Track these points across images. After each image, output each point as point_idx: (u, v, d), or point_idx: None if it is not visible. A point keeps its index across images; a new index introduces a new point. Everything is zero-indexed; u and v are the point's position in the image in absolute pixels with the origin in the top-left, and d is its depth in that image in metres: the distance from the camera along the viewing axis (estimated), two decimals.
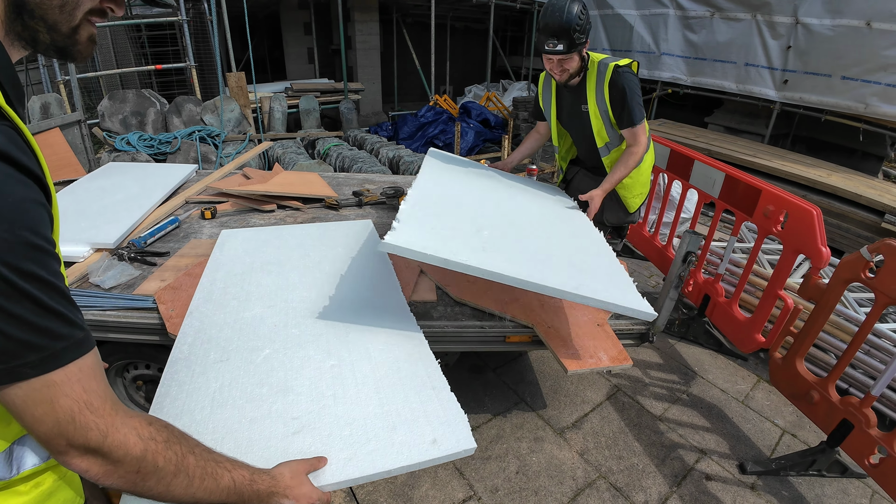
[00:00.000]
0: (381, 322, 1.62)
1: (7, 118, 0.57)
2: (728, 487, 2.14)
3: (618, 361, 1.54)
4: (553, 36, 2.08)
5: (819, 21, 6.16)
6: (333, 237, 2.27)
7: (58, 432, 0.59)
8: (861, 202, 4.86)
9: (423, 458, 1.08)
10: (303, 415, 1.18)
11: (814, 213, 2.22)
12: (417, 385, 1.32)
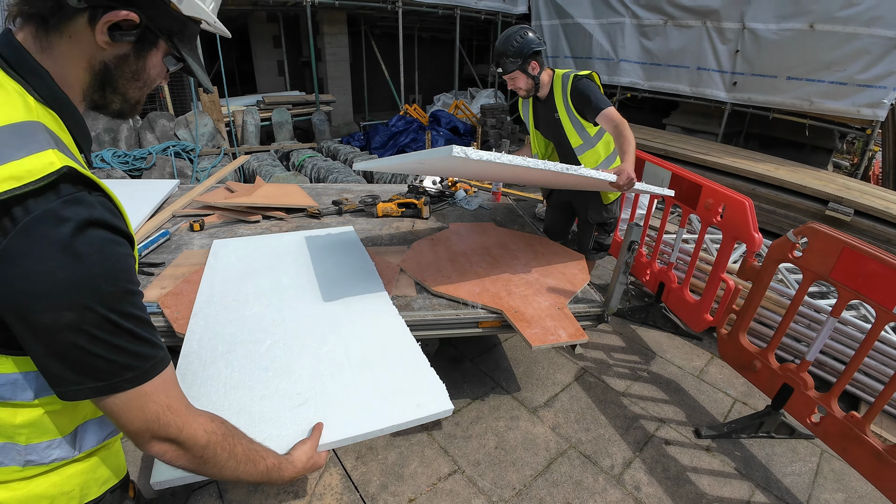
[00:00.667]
0: (367, 313, 1.82)
1: (99, 188, 0.69)
2: (685, 450, 2.40)
3: (575, 337, 1.78)
4: (495, 61, 2.53)
5: (765, 26, 6.63)
6: (319, 244, 2.46)
7: (145, 429, 0.76)
8: (806, 192, 5.27)
9: (410, 418, 1.29)
10: (305, 391, 1.37)
11: (746, 204, 2.51)
12: (402, 362, 1.53)
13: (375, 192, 3.58)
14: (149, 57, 0.82)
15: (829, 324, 2.23)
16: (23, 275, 0.62)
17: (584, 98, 2.46)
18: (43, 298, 0.63)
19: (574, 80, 2.51)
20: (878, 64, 5.85)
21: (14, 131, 0.65)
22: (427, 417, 1.32)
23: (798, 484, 2.28)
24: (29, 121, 0.68)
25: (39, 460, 0.79)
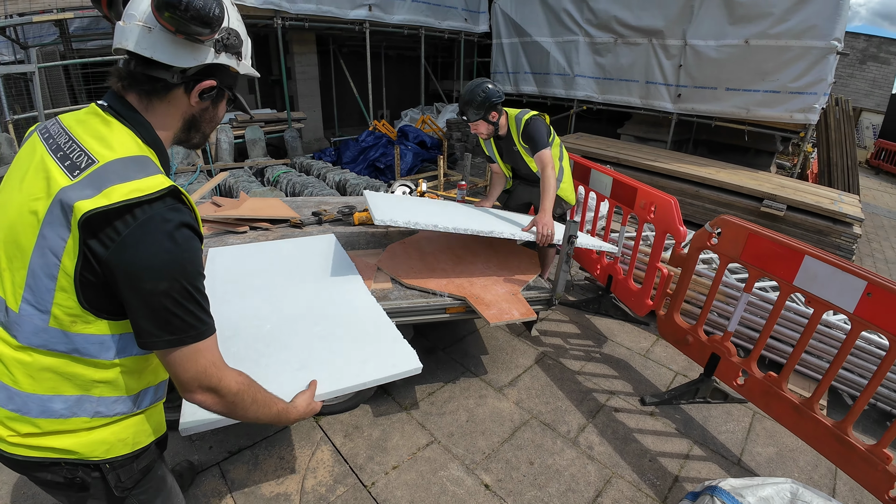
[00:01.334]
0: (349, 301, 2.14)
1: (188, 203, 1.00)
2: (632, 416, 2.76)
3: (526, 315, 2.15)
4: (461, 111, 3.03)
5: (704, 42, 7.25)
6: (305, 249, 2.76)
7: (195, 378, 1.01)
8: (744, 191, 5.82)
9: (387, 374, 1.64)
10: (301, 359, 1.69)
11: (672, 202, 2.93)
12: (379, 335, 1.87)
13: (351, 202, 3.89)
14: (220, 105, 1.16)
15: (744, 299, 2.64)
16: (137, 254, 0.91)
17: (530, 139, 3.00)
18: (150, 270, 0.92)
19: (525, 124, 3.02)
20: (809, 73, 6.49)
21: (135, 161, 0.97)
22: (401, 374, 1.66)
23: (732, 440, 2.66)
24: (142, 155, 1.00)
25: (106, 412, 1.05)
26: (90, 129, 1.00)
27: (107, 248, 0.91)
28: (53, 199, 0.92)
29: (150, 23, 0.98)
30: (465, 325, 3.48)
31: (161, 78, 1.02)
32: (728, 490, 1.84)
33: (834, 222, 5.14)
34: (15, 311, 0.97)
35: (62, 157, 0.97)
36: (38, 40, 8.32)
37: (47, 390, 1.00)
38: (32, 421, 1.00)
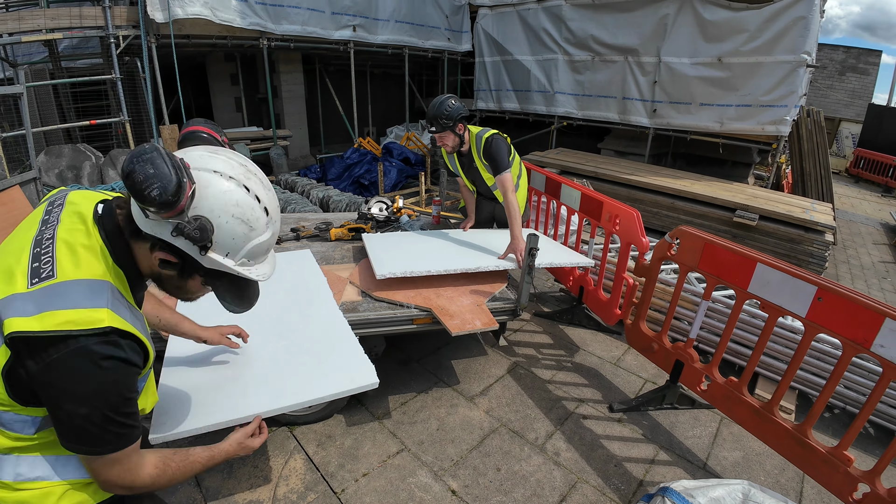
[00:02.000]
0: (318, 316, 2.21)
1: (130, 335, 1.01)
2: (600, 423, 2.84)
3: (487, 325, 2.25)
4: (429, 122, 3.11)
5: (678, 59, 7.48)
6: (280, 264, 2.83)
7: (109, 481, 1.07)
8: (717, 203, 5.99)
9: (344, 389, 1.70)
10: (266, 372, 1.76)
11: (634, 215, 3.05)
12: (343, 350, 1.94)
13: (329, 219, 3.97)
14: (189, 281, 1.14)
15: (703, 306, 2.75)
16: (61, 378, 0.95)
17: (491, 159, 3.14)
18: (72, 396, 0.96)
19: (485, 143, 3.16)
20: (780, 86, 6.70)
21: (88, 286, 0.99)
22: (358, 388, 1.73)
23: (698, 445, 2.73)
24: (101, 280, 1.02)
25: (27, 474, 1.06)
26: (72, 237, 1.04)
27: (35, 364, 0.94)
28: (8, 297, 0.96)
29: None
30: (439, 337, 3.56)
31: (138, 229, 1.05)
32: (679, 491, 1.92)
33: (806, 230, 5.30)
34: None
35: (35, 256, 1.01)
36: (27, 58, 8.41)
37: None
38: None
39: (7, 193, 3.37)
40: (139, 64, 6.88)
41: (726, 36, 6.91)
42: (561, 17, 8.54)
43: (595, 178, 6.77)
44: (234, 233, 1.06)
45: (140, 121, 7.48)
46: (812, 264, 5.17)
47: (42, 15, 6.49)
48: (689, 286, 3.67)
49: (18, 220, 3.20)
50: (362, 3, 8.83)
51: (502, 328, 2.83)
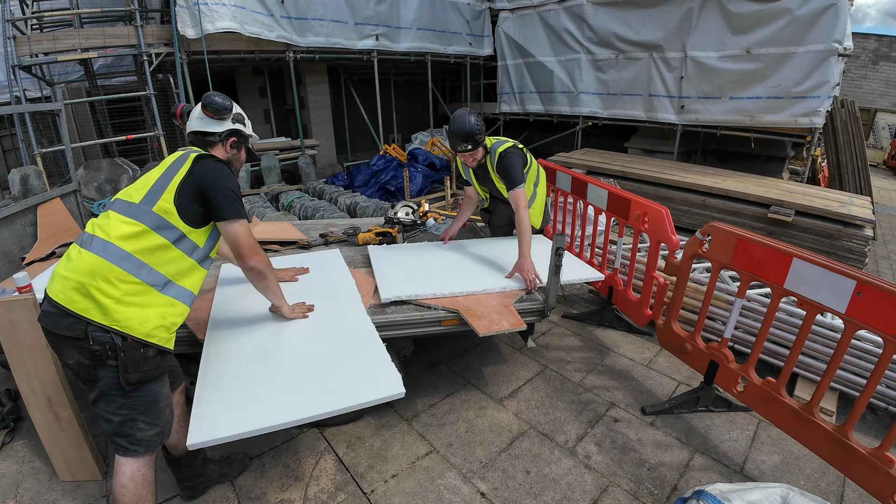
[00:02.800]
0: (346, 321, 2.25)
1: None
2: (632, 426, 2.78)
3: (515, 326, 2.24)
4: (463, 141, 3.00)
5: (705, 53, 7.33)
6: (309, 263, 2.91)
7: (251, 245, 1.96)
8: (750, 199, 5.81)
9: (372, 398, 1.73)
10: (296, 380, 1.81)
11: (663, 212, 2.99)
12: (372, 361, 1.96)
13: (356, 224, 4.03)
14: (241, 151, 2.16)
15: (737, 304, 2.67)
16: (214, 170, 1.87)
17: (505, 174, 3.06)
18: (225, 178, 1.88)
19: (499, 156, 3.10)
20: (811, 76, 6.50)
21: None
22: (384, 398, 1.76)
23: (735, 449, 2.64)
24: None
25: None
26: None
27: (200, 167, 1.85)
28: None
29: (200, 115, 2.01)
30: (467, 340, 3.55)
31: (210, 140, 2.02)
32: (715, 494, 1.86)
33: (844, 225, 5.09)
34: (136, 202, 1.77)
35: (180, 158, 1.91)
36: (64, 77, 8.85)
37: None
38: None
39: (49, 205, 3.54)
40: (171, 80, 7.14)
41: (754, 27, 6.74)
42: (582, 17, 8.48)
43: (622, 178, 6.67)
44: (244, 115, 2.17)
45: (174, 135, 7.76)
46: (851, 260, 4.96)
47: (77, 35, 6.82)
48: (722, 285, 3.57)
49: (61, 229, 3.37)
50: (384, 12, 8.97)
51: (530, 329, 2.80)
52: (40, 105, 4.76)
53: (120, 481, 1.73)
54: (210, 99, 1.96)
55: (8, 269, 3.19)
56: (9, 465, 2.44)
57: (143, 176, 1.88)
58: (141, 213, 1.73)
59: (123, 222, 1.71)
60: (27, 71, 7.11)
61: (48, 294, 1.65)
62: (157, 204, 1.73)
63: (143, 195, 1.76)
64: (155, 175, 1.84)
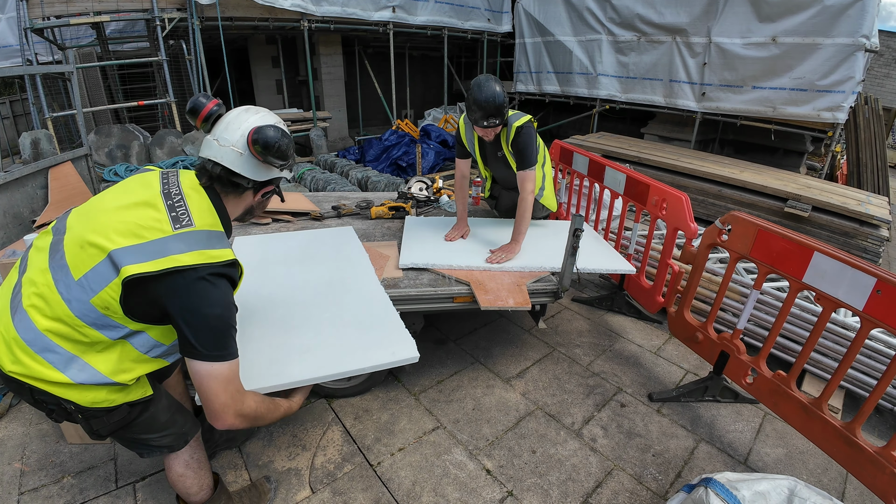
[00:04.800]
0: (359, 290, 2.25)
1: (237, 264, 1.39)
2: (638, 411, 2.78)
3: (520, 304, 2.24)
4: (491, 116, 2.63)
5: (730, 40, 7.14)
6: (324, 239, 2.89)
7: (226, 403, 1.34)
8: (767, 192, 5.71)
9: (385, 361, 1.74)
10: (308, 343, 1.80)
11: (682, 199, 2.93)
12: (384, 325, 1.98)
13: (369, 198, 4.00)
14: (269, 196, 1.62)
15: (753, 296, 2.63)
16: (204, 291, 1.28)
17: (520, 152, 2.83)
18: (211, 303, 1.29)
19: (516, 132, 2.80)
20: (837, 70, 6.33)
21: (217, 235, 1.38)
22: (399, 362, 1.77)
23: (740, 439, 2.65)
24: (220, 231, 1.41)
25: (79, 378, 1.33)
26: (195, 200, 1.40)
27: (184, 279, 1.26)
28: (165, 237, 1.28)
29: (242, 149, 1.41)
30: (477, 318, 3.55)
31: (239, 183, 1.45)
32: (724, 483, 1.86)
33: (861, 224, 5.01)
34: (75, 279, 1.26)
35: (169, 208, 1.34)
36: (75, 42, 8.76)
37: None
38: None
39: (60, 169, 3.53)
40: (184, 46, 7.05)
41: (782, 15, 6.54)
42: None
43: (638, 164, 6.57)
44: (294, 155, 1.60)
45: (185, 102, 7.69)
46: (866, 260, 4.89)
47: None
48: (737, 276, 3.53)
49: (73, 193, 3.37)
50: None
51: (543, 310, 2.79)
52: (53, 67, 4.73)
53: (176, 471, 1.68)
54: (265, 136, 1.37)
55: (19, 231, 3.20)
56: (15, 428, 2.47)
57: (104, 212, 1.33)
58: (73, 296, 1.25)
59: (41, 299, 1.27)
60: (39, 34, 7.03)
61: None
62: (98, 295, 1.25)
63: (82, 272, 1.26)
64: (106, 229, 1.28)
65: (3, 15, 8.78)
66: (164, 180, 1.43)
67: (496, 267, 2.64)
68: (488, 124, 2.68)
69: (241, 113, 1.46)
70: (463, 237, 3.10)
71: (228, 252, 1.34)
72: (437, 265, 2.60)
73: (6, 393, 2.59)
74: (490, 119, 2.65)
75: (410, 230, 3.11)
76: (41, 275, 1.30)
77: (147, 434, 1.53)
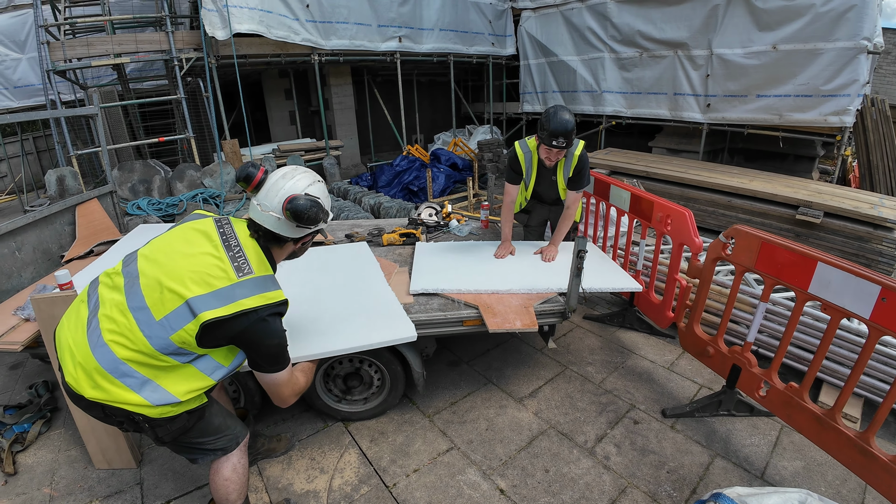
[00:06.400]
0: (370, 289, 2.69)
1: (287, 303, 1.67)
2: (652, 428, 2.79)
3: (527, 326, 2.33)
4: (563, 137, 2.91)
5: (731, 51, 7.21)
6: (341, 252, 3.33)
7: (287, 395, 1.79)
8: (778, 200, 5.69)
9: (388, 339, 2.25)
10: (324, 327, 2.28)
11: (686, 214, 2.98)
12: (389, 313, 2.41)
13: (381, 225, 4.12)
14: (308, 242, 1.89)
15: (761, 308, 2.65)
16: (267, 327, 1.59)
17: (579, 173, 3.18)
18: (272, 335, 1.61)
19: (580, 157, 3.13)
20: (840, 74, 6.35)
21: (271, 279, 1.66)
22: (398, 340, 2.27)
23: (756, 453, 2.63)
24: (272, 274, 1.70)
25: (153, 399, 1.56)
26: (251, 250, 1.66)
27: (248, 320, 1.54)
28: (232, 284, 1.54)
29: (279, 214, 1.66)
30: (489, 340, 3.60)
31: (281, 238, 1.73)
32: (733, 497, 1.87)
33: (874, 228, 4.95)
34: (156, 319, 1.50)
35: (232, 258, 1.59)
36: (97, 81, 9.21)
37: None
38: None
39: (87, 206, 3.72)
40: (201, 84, 7.37)
41: (780, 23, 6.62)
42: (606, 15, 8.41)
43: (646, 178, 6.61)
44: (329, 209, 1.83)
45: (203, 136, 8.01)
46: (881, 264, 4.83)
47: (109, 41, 7.10)
48: (747, 288, 3.54)
49: (99, 228, 3.56)
50: (407, 14, 9.06)
51: (552, 331, 2.84)
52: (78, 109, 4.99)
53: (223, 475, 1.85)
54: (295, 207, 1.60)
55: (48, 266, 3.36)
56: (45, 454, 2.59)
57: (175, 259, 1.58)
58: (154, 333, 1.49)
59: (123, 337, 1.50)
60: (61, 75, 7.42)
61: (63, 373, 1.57)
62: (177, 333, 1.49)
63: (163, 313, 1.50)
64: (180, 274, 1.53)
65: (24, 55, 9.33)
66: (221, 230, 1.67)
67: (504, 290, 2.72)
68: (558, 144, 2.95)
69: (278, 180, 1.69)
70: (512, 254, 3.39)
71: (280, 293, 1.63)
72: (447, 290, 2.69)
73: (35, 422, 2.73)
74: (561, 140, 2.94)
75: (421, 256, 3.22)
76: (121, 315, 1.52)
77: (203, 438, 1.75)
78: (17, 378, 3.32)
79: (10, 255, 3.05)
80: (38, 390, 2.96)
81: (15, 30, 9.25)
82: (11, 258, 3.06)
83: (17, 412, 2.78)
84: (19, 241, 3.14)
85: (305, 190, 1.68)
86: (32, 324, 2.38)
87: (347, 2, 8.32)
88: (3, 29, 9.23)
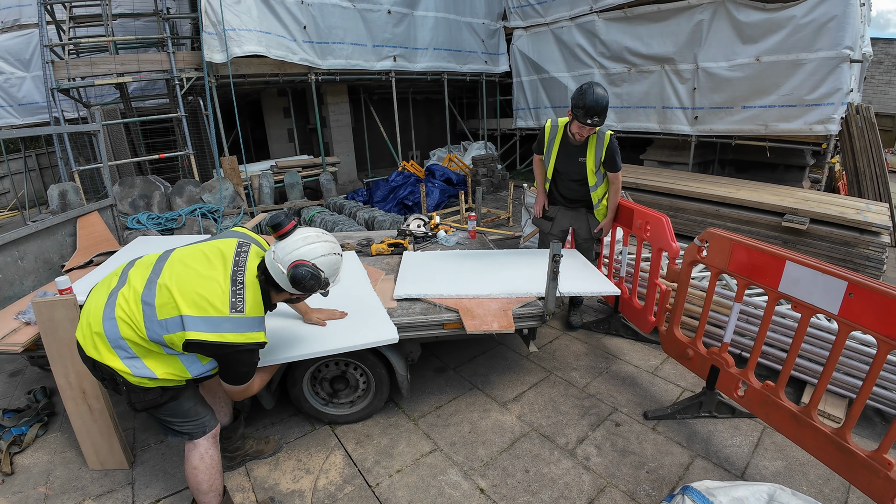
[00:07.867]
0: (356, 295, 2.77)
1: (264, 345, 1.85)
2: (633, 430, 2.83)
3: (504, 328, 2.40)
4: (596, 115, 3.01)
5: (716, 64, 7.39)
6: None
7: (240, 396, 2.03)
8: (764, 208, 5.78)
9: (371, 340, 2.34)
10: (312, 330, 2.35)
11: (663, 220, 3.07)
12: (373, 316, 2.53)
13: (371, 236, 4.22)
14: (304, 297, 2.13)
15: (735, 309, 2.72)
16: (241, 358, 1.84)
17: (612, 156, 3.30)
18: (243, 363, 1.87)
19: (610, 140, 3.27)
20: (824, 83, 6.47)
21: (258, 321, 1.83)
22: (380, 341, 2.38)
23: (738, 454, 2.66)
24: (262, 317, 1.85)
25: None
26: (250, 292, 1.80)
27: (226, 349, 1.75)
28: (222, 317, 1.72)
29: (285, 271, 1.81)
30: (477, 346, 3.67)
31: (280, 288, 1.88)
32: (701, 490, 1.92)
33: (860, 232, 5.03)
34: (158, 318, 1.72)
35: (232, 293, 1.75)
36: (100, 99, 9.42)
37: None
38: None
39: (87, 218, 3.84)
40: (201, 102, 7.55)
41: (763, 35, 6.79)
42: (594, 32, 8.63)
43: (636, 190, 6.72)
44: (333, 276, 1.98)
45: (203, 153, 8.16)
46: (869, 268, 4.90)
47: (112, 60, 7.29)
48: (728, 291, 3.61)
49: (99, 239, 3.67)
50: (401, 34, 9.29)
51: (532, 334, 2.91)
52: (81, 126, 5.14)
53: (192, 463, 1.98)
54: (296, 275, 1.79)
55: (49, 275, 3.46)
56: (41, 456, 2.67)
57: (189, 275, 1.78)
58: (152, 328, 1.73)
59: (130, 319, 1.74)
60: (65, 93, 7.61)
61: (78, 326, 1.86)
62: (169, 336, 1.72)
63: (164, 316, 1.72)
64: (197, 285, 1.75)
65: (28, 73, 9.56)
66: (237, 260, 1.84)
67: (484, 294, 2.79)
68: (591, 122, 3.02)
69: (298, 240, 1.86)
70: (545, 207, 3.66)
71: (261, 335, 1.81)
72: (429, 295, 2.77)
73: (32, 425, 2.81)
74: (595, 118, 3.00)
75: (407, 264, 3.30)
76: (134, 303, 1.74)
77: (172, 417, 1.91)
78: (16, 384, 3.40)
79: (12, 264, 3.16)
80: (36, 395, 3.04)
81: (20, 49, 9.50)
82: (14, 267, 3.17)
83: (16, 416, 2.85)
84: (22, 251, 3.25)
85: (316, 260, 1.84)
86: (33, 327, 2.47)
87: (343, 23, 8.56)
88: (8, 48, 9.48)
